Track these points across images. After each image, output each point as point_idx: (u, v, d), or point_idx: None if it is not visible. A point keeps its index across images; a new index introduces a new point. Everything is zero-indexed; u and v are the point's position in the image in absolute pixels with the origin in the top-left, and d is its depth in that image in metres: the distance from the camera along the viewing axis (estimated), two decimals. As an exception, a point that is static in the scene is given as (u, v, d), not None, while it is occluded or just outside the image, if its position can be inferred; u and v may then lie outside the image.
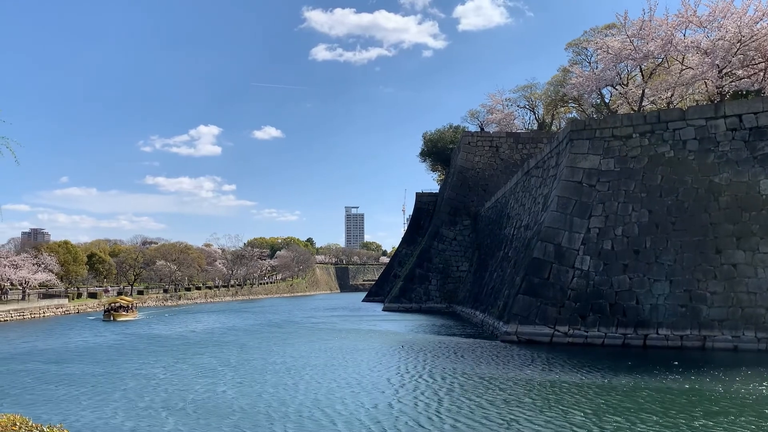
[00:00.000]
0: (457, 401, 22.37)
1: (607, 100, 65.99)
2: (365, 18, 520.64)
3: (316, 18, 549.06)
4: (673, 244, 39.29)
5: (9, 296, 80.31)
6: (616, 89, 55.78)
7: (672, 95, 52.33)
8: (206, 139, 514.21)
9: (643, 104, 52.19)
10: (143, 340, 47.26)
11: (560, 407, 20.98)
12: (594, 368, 29.39)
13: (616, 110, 60.01)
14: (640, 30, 49.51)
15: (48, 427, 9.12)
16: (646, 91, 51.66)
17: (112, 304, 74.31)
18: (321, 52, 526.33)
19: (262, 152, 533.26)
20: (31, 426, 9.09)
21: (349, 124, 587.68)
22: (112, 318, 69.26)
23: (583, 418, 19.33)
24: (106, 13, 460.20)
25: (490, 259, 67.17)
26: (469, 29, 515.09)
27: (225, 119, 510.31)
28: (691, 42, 47.41)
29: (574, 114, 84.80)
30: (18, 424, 9.03)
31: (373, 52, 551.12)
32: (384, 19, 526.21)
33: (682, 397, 22.54)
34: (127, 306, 74.78)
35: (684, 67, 49.28)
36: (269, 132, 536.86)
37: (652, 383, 25.34)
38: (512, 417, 19.68)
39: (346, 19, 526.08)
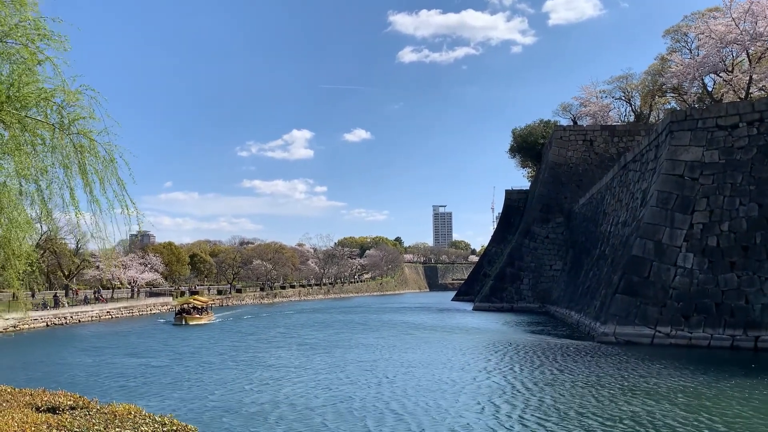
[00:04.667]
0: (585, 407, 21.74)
1: (709, 89, 62.31)
2: (451, 18, 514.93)
3: (401, 21, 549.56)
4: (788, 240, 36.65)
5: (119, 294, 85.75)
6: (720, 76, 52.63)
7: (784, 80, 48.80)
8: (299, 143, 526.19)
9: (750, 91, 48.94)
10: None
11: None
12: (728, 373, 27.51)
13: (720, 99, 56.50)
14: (748, 11, 46.48)
15: (159, 417, 9.65)
16: (753, 76, 48.40)
17: (185, 305, 65.09)
18: (407, 54, 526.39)
19: (352, 154, 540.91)
20: (144, 415, 9.67)
21: (436, 124, 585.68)
22: (184, 321, 59.90)
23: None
24: (201, 21, 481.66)
25: (586, 258, 65.10)
26: (560, 23, 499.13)
27: (317, 123, 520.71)
28: (806, 22, 44.07)
29: (674, 104, 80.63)
30: (133, 412, 9.63)
31: (460, 52, 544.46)
32: (471, 18, 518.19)
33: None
34: (202, 307, 65.62)
35: (797, 50, 45.85)
36: (359, 134, 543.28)
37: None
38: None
39: (432, 20, 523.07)
